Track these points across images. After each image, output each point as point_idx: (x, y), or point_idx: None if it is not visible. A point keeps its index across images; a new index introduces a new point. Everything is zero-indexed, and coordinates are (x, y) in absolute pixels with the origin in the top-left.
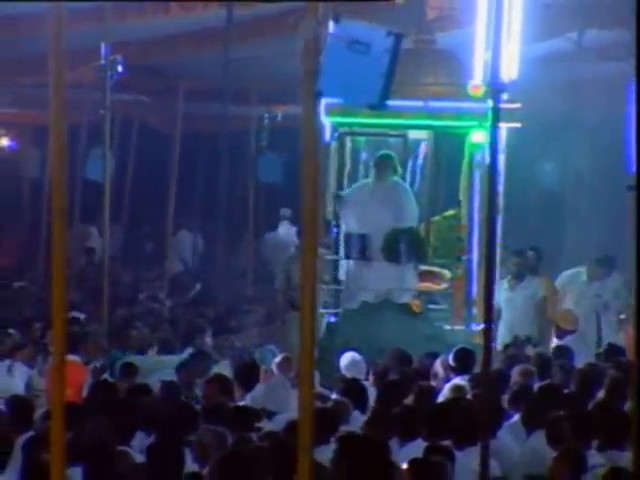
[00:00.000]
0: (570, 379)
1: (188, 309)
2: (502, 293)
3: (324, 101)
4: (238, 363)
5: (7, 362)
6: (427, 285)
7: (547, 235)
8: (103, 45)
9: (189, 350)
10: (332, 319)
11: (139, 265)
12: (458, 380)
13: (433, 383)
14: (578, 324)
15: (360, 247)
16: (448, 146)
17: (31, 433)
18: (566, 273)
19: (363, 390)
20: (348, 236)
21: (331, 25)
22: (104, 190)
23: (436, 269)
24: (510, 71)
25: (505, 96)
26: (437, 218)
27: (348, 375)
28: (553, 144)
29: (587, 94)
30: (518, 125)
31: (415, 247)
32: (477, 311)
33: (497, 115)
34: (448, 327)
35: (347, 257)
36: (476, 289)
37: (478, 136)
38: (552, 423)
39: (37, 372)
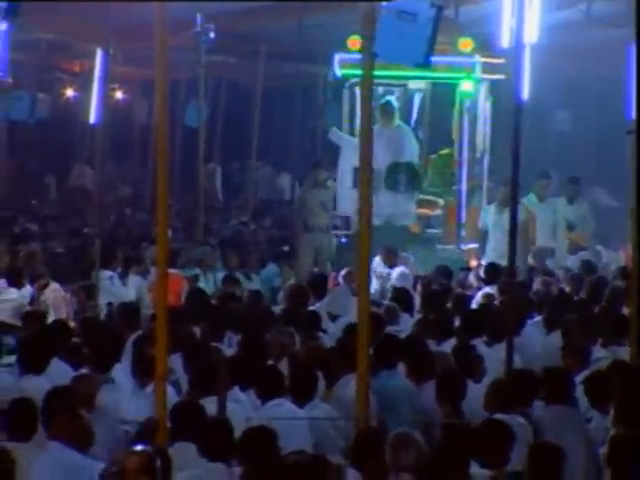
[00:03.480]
0: (581, 288)
1: (266, 232)
2: (490, 217)
3: (337, 56)
4: (311, 275)
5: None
6: (424, 211)
7: (560, 167)
8: (198, 15)
9: (271, 265)
10: (343, 240)
11: (229, 195)
12: (488, 289)
13: (468, 292)
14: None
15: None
16: (442, 94)
17: (139, 332)
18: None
19: (411, 297)
20: (356, 170)
21: None
22: (199, 134)
23: (432, 198)
24: (531, 36)
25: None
26: (434, 156)
27: (398, 285)
28: (566, 97)
29: (594, 55)
30: (502, 77)
31: (411, 178)
32: (465, 233)
33: (520, 68)
34: (440, 247)
35: (355, 187)
36: (465, 215)
37: (467, 85)
38: (566, 324)
39: (146, 283)
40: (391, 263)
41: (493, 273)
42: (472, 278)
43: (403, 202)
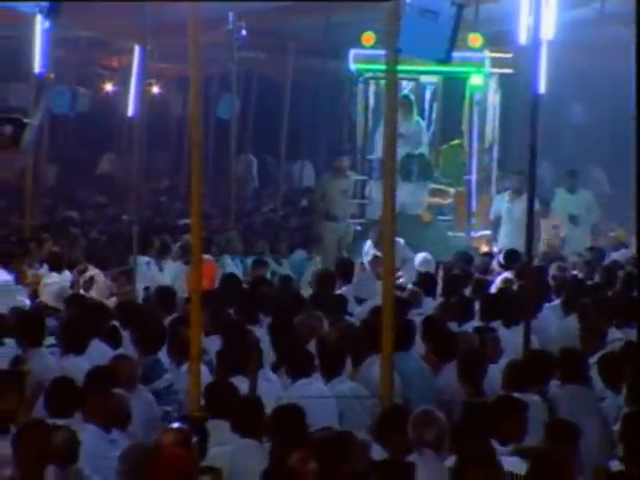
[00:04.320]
0: (594, 273)
1: (294, 219)
2: (503, 205)
3: (352, 52)
4: (338, 261)
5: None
6: (436, 200)
7: (576, 154)
8: (230, 14)
9: (300, 251)
10: (358, 227)
11: (260, 184)
12: (507, 274)
13: (488, 277)
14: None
15: (380, 169)
16: (453, 88)
17: (175, 314)
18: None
19: (433, 282)
20: (370, 161)
21: None
22: (231, 126)
23: (443, 187)
24: (548, 33)
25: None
26: (445, 146)
27: (421, 270)
28: (581, 89)
29: (606, 51)
30: (510, 71)
31: (423, 169)
32: (475, 221)
33: (537, 64)
34: (451, 234)
35: (370, 177)
36: (475, 203)
37: (476, 79)
38: (581, 307)
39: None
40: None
41: (512, 259)
42: (494, 263)
43: (415, 192)
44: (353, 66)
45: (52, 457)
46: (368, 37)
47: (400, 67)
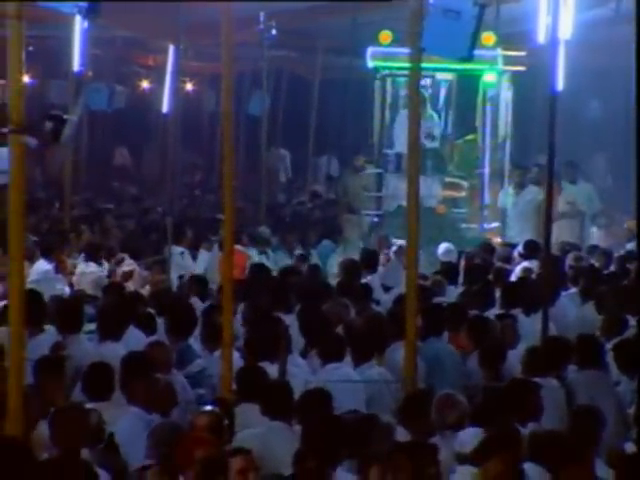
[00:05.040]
0: (610, 262)
1: (322, 211)
2: (508, 198)
3: (369, 49)
4: (363, 251)
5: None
6: (450, 193)
7: (591, 150)
8: (261, 14)
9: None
10: (375, 219)
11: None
12: (526, 263)
13: (508, 266)
14: None
15: (396, 163)
16: (467, 84)
17: (208, 302)
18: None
19: (456, 271)
20: (386, 155)
21: None
22: (262, 122)
23: (457, 180)
24: (565, 32)
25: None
26: (460, 141)
27: (444, 259)
28: (597, 87)
29: (621, 51)
30: (523, 69)
31: (437, 163)
32: (488, 213)
33: (555, 62)
34: (464, 226)
35: (385, 170)
36: (487, 196)
37: (489, 77)
38: (598, 295)
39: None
40: None
41: (531, 249)
42: (515, 253)
43: (430, 185)
44: (371, 63)
45: (87, 439)
46: (385, 35)
47: (421, 65)
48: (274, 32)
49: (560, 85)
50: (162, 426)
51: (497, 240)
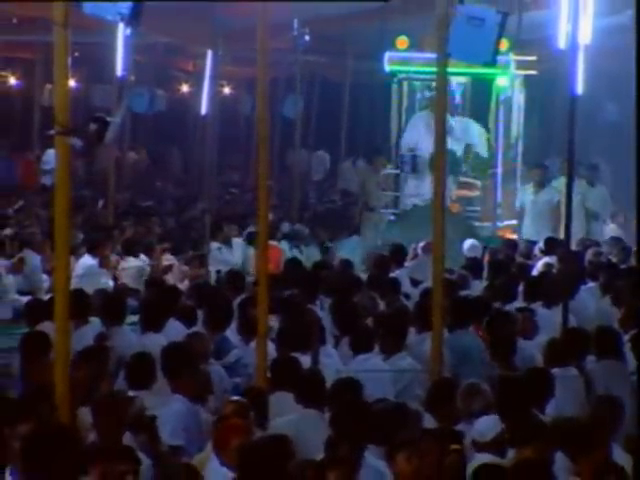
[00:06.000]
0: (628, 257)
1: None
2: (527, 196)
3: (387, 54)
4: (392, 246)
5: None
6: (464, 192)
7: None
8: (295, 21)
9: (355, 237)
10: (392, 217)
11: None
12: (547, 258)
13: (530, 262)
14: None
15: (412, 164)
16: (480, 88)
17: (244, 295)
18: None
19: (480, 266)
20: (403, 156)
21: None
22: (296, 124)
23: (471, 180)
24: (585, 38)
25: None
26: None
27: (469, 255)
28: (615, 91)
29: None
30: (534, 72)
31: (451, 163)
32: (501, 212)
33: (574, 66)
34: (478, 224)
35: (402, 171)
36: (500, 195)
37: (502, 81)
38: (616, 289)
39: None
40: None
41: (552, 245)
42: (536, 249)
43: (446, 185)
44: (388, 68)
45: (128, 425)
46: (402, 41)
47: (433, 68)
48: (307, 38)
49: (580, 88)
50: None
51: (511, 237)
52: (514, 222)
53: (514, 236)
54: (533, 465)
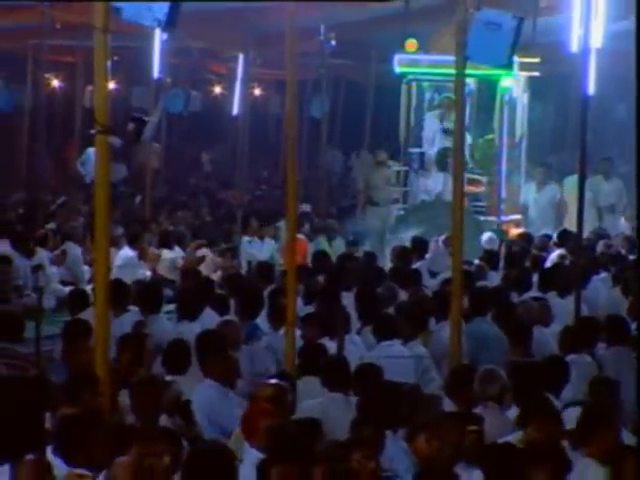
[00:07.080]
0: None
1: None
2: (530, 194)
3: (396, 56)
4: (413, 239)
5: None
6: (471, 188)
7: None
8: (322, 26)
9: None
10: (400, 212)
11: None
12: (560, 250)
13: (544, 254)
14: None
15: (420, 161)
16: (486, 89)
17: (273, 286)
18: (568, 179)
19: (497, 258)
20: (410, 154)
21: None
22: (322, 124)
23: (477, 177)
24: (596, 42)
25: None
26: (480, 140)
27: (486, 247)
28: (625, 92)
29: None
30: (537, 74)
31: None
32: (505, 207)
33: (587, 68)
34: (483, 218)
35: (410, 168)
36: (504, 191)
37: (506, 82)
38: (625, 279)
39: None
40: None
41: (565, 238)
42: (551, 242)
43: (450, 181)
44: (397, 69)
45: (164, 408)
46: (411, 44)
47: (441, 70)
48: (333, 43)
49: (591, 89)
50: None
51: (515, 231)
52: (517, 216)
53: (517, 230)
54: (547, 445)
